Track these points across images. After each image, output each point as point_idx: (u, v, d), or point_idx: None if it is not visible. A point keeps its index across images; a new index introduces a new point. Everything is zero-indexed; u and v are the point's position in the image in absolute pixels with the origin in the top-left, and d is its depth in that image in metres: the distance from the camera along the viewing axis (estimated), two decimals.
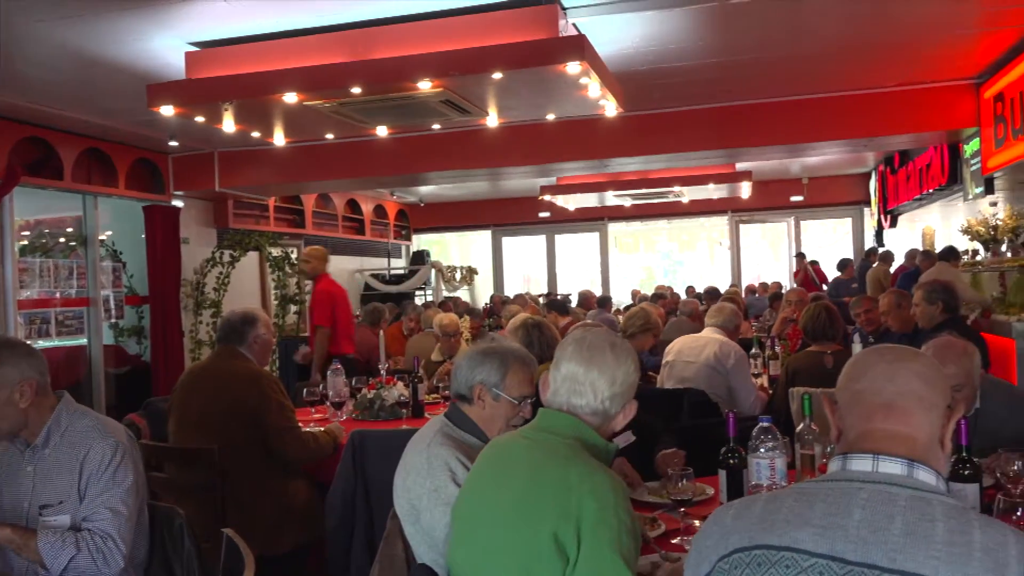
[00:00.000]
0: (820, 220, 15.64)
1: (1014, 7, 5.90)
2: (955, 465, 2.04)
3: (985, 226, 9.10)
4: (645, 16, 5.45)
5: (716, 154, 9.11)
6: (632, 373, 1.93)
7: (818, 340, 4.78)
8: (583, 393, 1.89)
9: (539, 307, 8.91)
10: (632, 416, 1.96)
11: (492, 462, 1.92)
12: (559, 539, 1.65)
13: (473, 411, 2.37)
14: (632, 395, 1.94)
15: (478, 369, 2.36)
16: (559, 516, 1.66)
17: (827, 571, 1.23)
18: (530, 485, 1.75)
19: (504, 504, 1.77)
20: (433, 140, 8.40)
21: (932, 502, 1.27)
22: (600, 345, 1.94)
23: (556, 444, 1.83)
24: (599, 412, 1.88)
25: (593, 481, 1.70)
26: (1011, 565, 1.15)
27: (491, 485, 1.86)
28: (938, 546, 1.19)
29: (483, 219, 16.12)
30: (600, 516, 1.65)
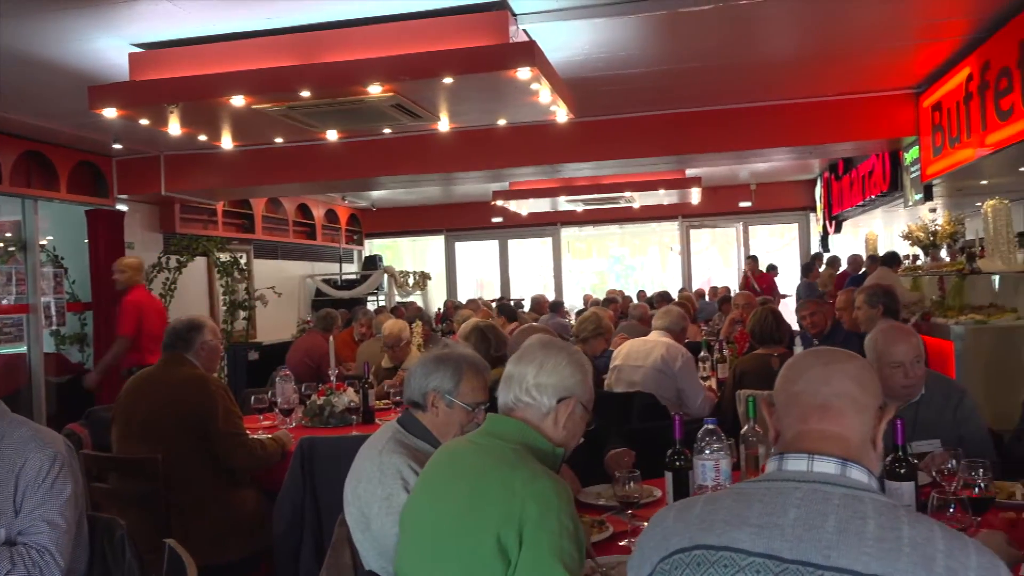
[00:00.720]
0: (768, 225, 15.93)
1: (950, 20, 6.10)
2: (891, 464, 2.10)
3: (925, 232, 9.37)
4: (595, 23, 5.50)
5: (666, 160, 9.22)
6: (565, 367, 1.93)
7: (765, 343, 4.87)
8: (511, 386, 1.92)
9: (492, 311, 8.91)
10: (570, 415, 1.95)
11: (440, 468, 1.92)
12: (502, 542, 1.65)
13: (427, 418, 2.36)
14: (575, 392, 1.93)
15: (432, 376, 2.35)
16: (502, 520, 1.67)
17: (764, 569, 1.26)
18: (476, 490, 1.76)
19: (450, 509, 1.77)
20: (384, 144, 8.36)
21: (864, 500, 1.30)
22: (534, 343, 1.99)
23: (503, 449, 1.83)
24: (531, 405, 1.89)
25: (537, 486, 1.71)
26: (938, 559, 1.19)
27: (438, 491, 1.86)
28: (869, 542, 1.22)
29: (436, 224, 16.08)
30: (542, 521, 1.66)
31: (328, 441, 3.74)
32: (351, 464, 2.39)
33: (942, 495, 1.98)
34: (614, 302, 9.01)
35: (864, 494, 1.31)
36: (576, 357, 2.00)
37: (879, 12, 5.81)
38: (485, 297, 13.29)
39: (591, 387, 2.01)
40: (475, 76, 4.90)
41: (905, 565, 1.19)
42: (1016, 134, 5.83)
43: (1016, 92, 5.74)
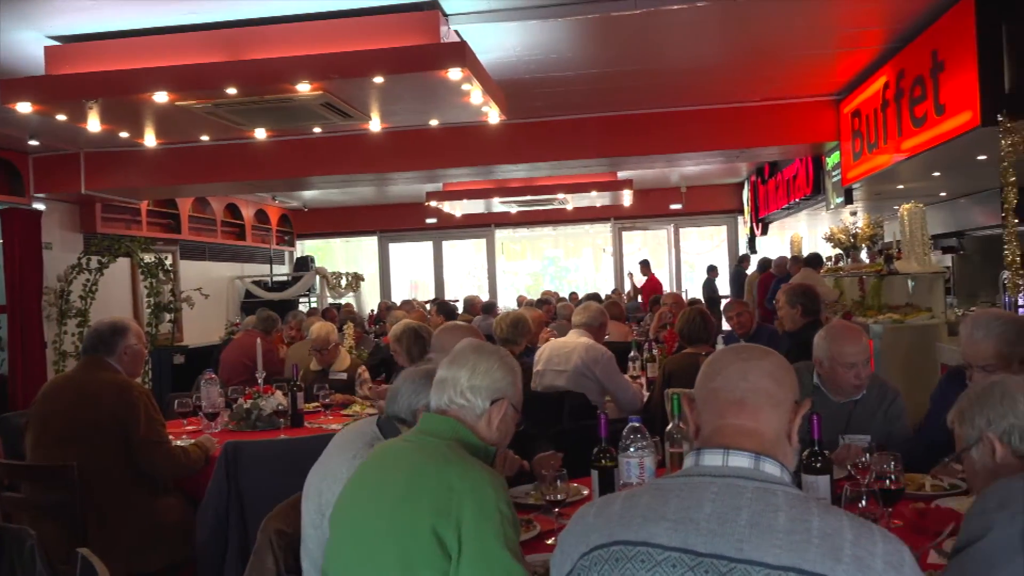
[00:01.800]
0: (698, 228, 16.25)
1: (868, 30, 6.33)
2: (808, 458, 2.17)
3: (846, 234, 9.69)
4: (526, 25, 5.53)
5: (598, 162, 9.33)
6: (497, 369, 1.97)
7: (693, 343, 4.96)
8: (445, 389, 1.94)
9: (427, 312, 8.87)
10: (509, 426, 1.98)
11: (373, 465, 1.91)
12: (439, 536, 1.66)
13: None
14: (507, 394, 1.97)
15: (422, 393, 2.29)
16: (438, 514, 1.68)
17: (680, 564, 1.28)
18: (410, 484, 1.76)
19: (385, 504, 1.77)
20: (315, 144, 8.25)
21: (776, 493, 1.33)
22: (465, 347, 2.01)
23: (436, 446, 1.85)
24: (465, 407, 1.92)
25: (472, 479, 1.73)
26: (845, 548, 1.22)
27: (372, 487, 1.85)
28: (780, 535, 1.25)
29: (369, 225, 15.93)
30: (482, 513, 1.68)
31: (254, 445, 3.67)
32: (281, 467, 2.34)
33: (855, 487, 2.05)
34: (547, 303, 9.06)
35: (776, 487, 1.34)
36: (507, 360, 2.04)
37: (801, 21, 5.99)
38: (419, 299, 13.23)
39: (521, 389, 2.05)
40: (406, 76, 4.87)
41: (814, 556, 1.22)
42: (929, 140, 6.07)
43: (929, 100, 5.99)
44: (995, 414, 1.69)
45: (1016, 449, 1.65)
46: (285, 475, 2.47)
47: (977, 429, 1.71)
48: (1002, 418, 1.68)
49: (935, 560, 1.98)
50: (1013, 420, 1.67)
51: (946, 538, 2.02)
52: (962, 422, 1.76)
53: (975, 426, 1.71)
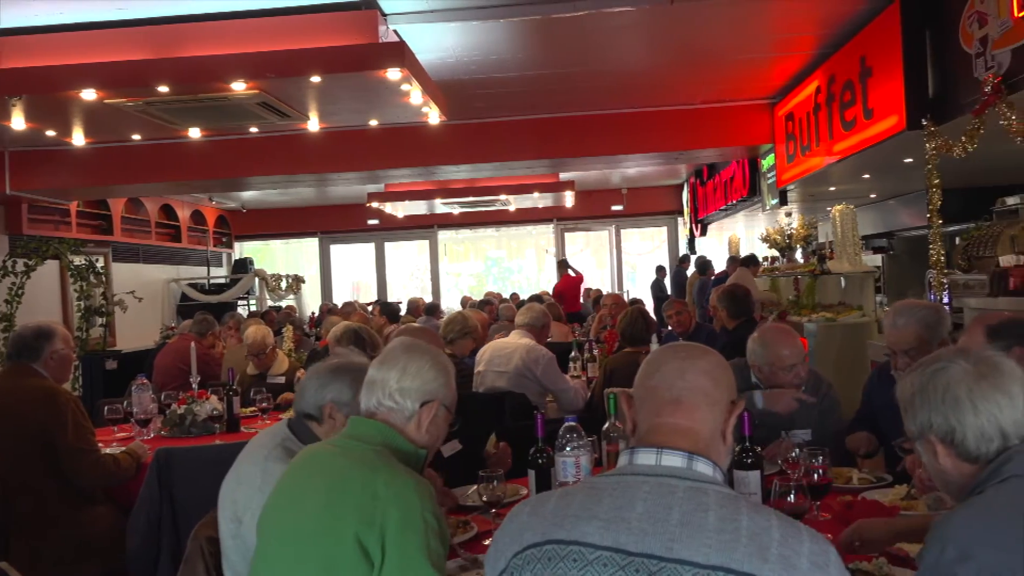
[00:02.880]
0: (639, 229, 16.44)
1: (801, 35, 6.49)
2: (739, 454, 2.21)
3: (781, 235, 9.93)
4: (466, 26, 5.53)
5: (540, 164, 9.38)
6: (428, 370, 1.92)
7: (634, 343, 5.01)
8: (374, 391, 1.90)
9: (368, 314, 8.79)
10: (441, 427, 1.95)
11: (298, 470, 1.88)
12: (362, 543, 1.63)
13: (322, 430, 2.26)
14: (438, 395, 1.92)
15: (328, 387, 2.26)
16: (362, 521, 1.65)
17: (611, 563, 1.28)
18: (335, 490, 1.73)
19: (309, 510, 1.74)
20: (252, 143, 8.10)
21: (708, 492, 1.33)
22: (396, 346, 1.97)
23: (364, 451, 1.81)
24: (395, 410, 1.88)
25: (398, 487, 1.70)
26: (772, 547, 1.23)
27: (296, 493, 1.81)
28: (710, 534, 1.26)
29: (310, 226, 15.71)
30: (406, 522, 1.65)
31: (188, 451, 3.58)
32: (216, 473, 2.29)
33: (784, 482, 2.09)
34: (489, 304, 9.06)
35: (708, 486, 1.35)
36: (439, 360, 1.99)
37: (737, 26, 6.11)
38: (362, 300, 13.09)
39: (454, 389, 2.01)
40: (344, 76, 4.83)
41: (742, 555, 1.23)
42: (858, 143, 6.25)
43: (859, 104, 6.16)
44: (936, 413, 1.50)
45: (960, 452, 1.48)
46: (219, 481, 2.41)
47: (919, 427, 1.53)
48: (944, 419, 1.48)
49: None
50: (955, 422, 1.47)
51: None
52: (905, 411, 1.58)
53: (917, 422, 1.54)
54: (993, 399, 1.45)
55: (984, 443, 1.46)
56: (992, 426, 1.45)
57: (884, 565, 1.87)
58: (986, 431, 1.45)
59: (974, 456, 1.47)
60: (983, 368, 1.49)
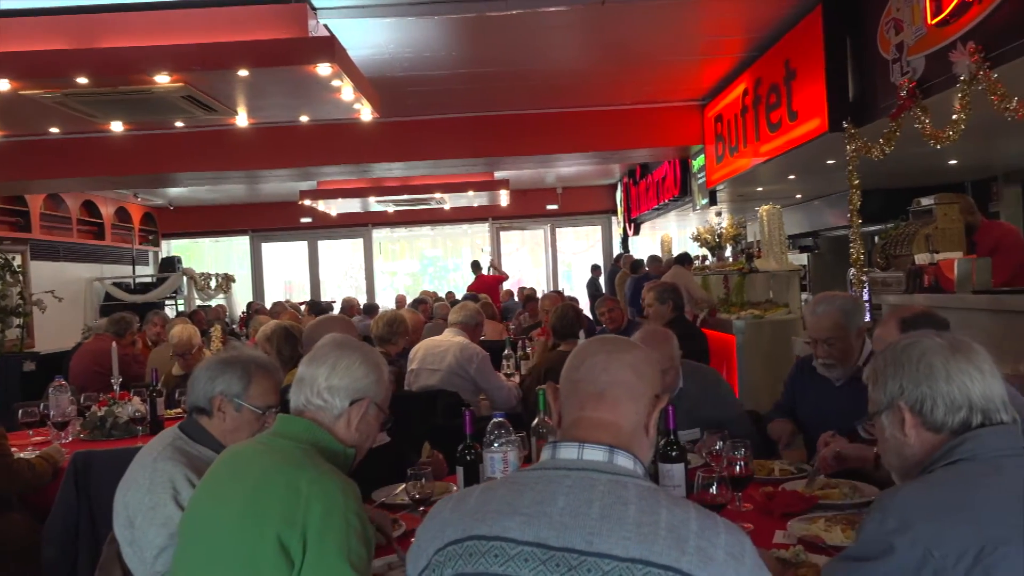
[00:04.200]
0: (574, 228, 16.57)
1: (729, 38, 6.63)
2: (664, 447, 2.24)
3: (711, 234, 10.12)
4: (398, 22, 5.49)
5: (474, 162, 9.37)
6: (358, 367, 1.89)
7: (566, 339, 5.04)
8: (303, 389, 1.87)
9: (300, 314, 8.64)
10: (372, 426, 1.92)
11: (222, 468, 1.83)
12: (283, 543, 1.61)
13: (213, 424, 2.23)
14: (368, 393, 1.89)
15: (218, 379, 2.22)
16: (284, 521, 1.62)
17: (532, 558, 1.28)
18: (258, 490, 1.69)
19: (231, 509, 1.70)
20: (179, 139, 7.89)
21: (628, 485, 1.34)
22: (327, 343, 1.94)
23: (290, 449, 1.78)
24: (323, 408, 1.85)
25: (322, 486, 1.67)
26: (690, 540, 1.25)
27: (219, 491, 1.77)
28: (629, 527, 1.27)
29: (241, 224, 15.38)
30: (328, 521, 1.63)
31: (108, 455, 3.47)
32: None
33: (707, 474, 2.13)
34: (423, 303, 9.00)
35: (628, 480, 1.36)
36: (370, 357, 1.95)
37: (667, 28, 6.21)
38: (294, 300, 12.88)
39: (387, 386, 1.97)
40: (273, 70, 4.74)
41: (661, 548, 1.24)
42: (784, 144, 6.43)
43: (783, 106, 6.33)
44: (909, 380, 1.52)
45: (927, 420, 1.51)
46: None
47: (889, 395, 1.55)
48: (916, 385, 1.51)
49: (780, 540, 2.10)
50: (927, 389, 1.50)
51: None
52: (875, 383, 1.60)
53: (887, 391, 1.56)
54: (966, 371, 1.50)
55: (952, 412, 1.49)
56: (962, 396, 1.49)
57: (801, 552, 1.92)
58: (956, 400, 1.49)
59: (940, 425, 1.50)
60: (956, 344, 1.54)
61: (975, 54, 3.96)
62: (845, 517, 2.16)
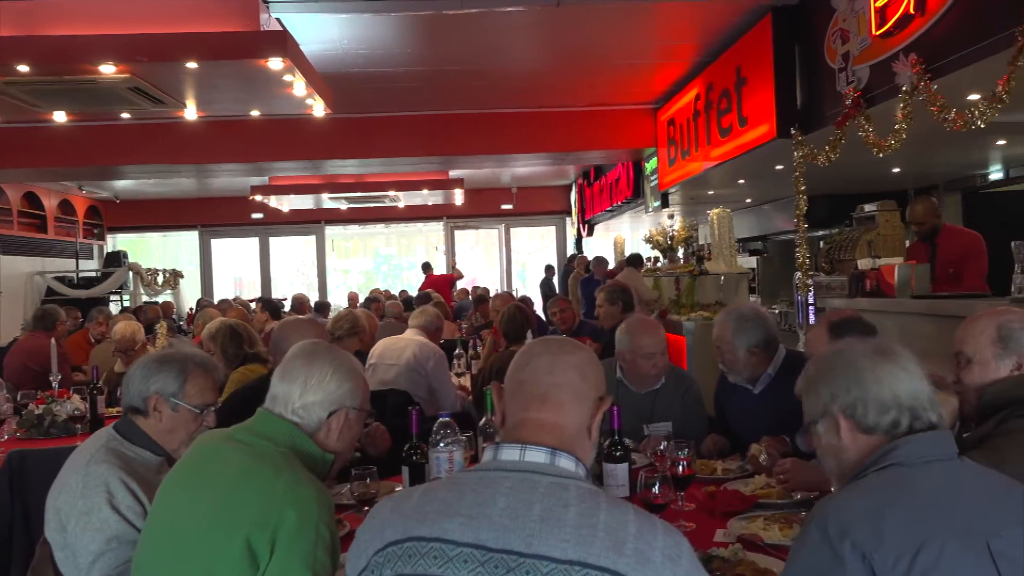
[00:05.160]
0: (528, 228, 16.62)
1: (682, 43, 6.71)
2: (608, 447, 2.26)
3: (663, 236, 10.23)
4: (353, 18, 5.44)
5: (429, 161, 9.34)
6: (330, 380, 1.86)
7: (515, 340, 5.05)
8: (277, 403, 1.84)
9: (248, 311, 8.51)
10: (354, 428, 1.89)
11: (196, 463, 1.79)
12: (251, 546, 1.59)
13: (149, 424, 2.18)
14: (345, 403, 1.86)
15: (153, 378, 2.17)
16: (256, 524, 1.60)
17: (471, 559, 1.27)
18: (233, 490, 1.67)
19: (201, 506, 1.67)
20: (125, 130, 7.72)
21: (569, 487, 1.34)
22: (297, 355, 1.90)
23: (269, 451, 1.75)
24: (300, 424, 1.82)
25: (299, 492, 1.65)
26: (628, 542, 1.25)
27: (191, 485, 1.74)
28: (568, 529, 1.26)
29: (190, 219, 15.10)
30: (299, 529, 1.61)
31: (44, 454, 3.38)
32: None
33: (650, 474, 2.16)
34: (375, 301, 8.94)
35: (569, 482, 1.36)
36: (343, 365, 1.91)
37: (622, 32, 6.26)
38: (245, 297, 12.68)
39: (364, 388, 1.94)
40: (223, 63, 4.67)
41: (599, 549, 1.24)
42: (734, 149, 6.53)
43: (734, 112, 6.43)
44: (839, 386, 1.56)
45: (860, 423, 1.54)
46: None
47: (822, 403, 1.59)
48: (846, 391, 1.55)
49: (720, 539, 2.13)
50: (858, 393, 1.54)
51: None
52: (807, 394, 1.63)
53: (820, 400, 1.59)
54: (892, 372, 1.55)
55: (883, 413, 1.53)
56: (891, 396, 1.53)
57: (739, 551, 1.95)
58: (885, 401, 1.53)
59: (872, 426, 1.54)
60: (880, 348, 1.60)
61: (916, 65, 4.07)
62: (784, 516, 2.20)
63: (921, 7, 4.11)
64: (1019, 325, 2.02)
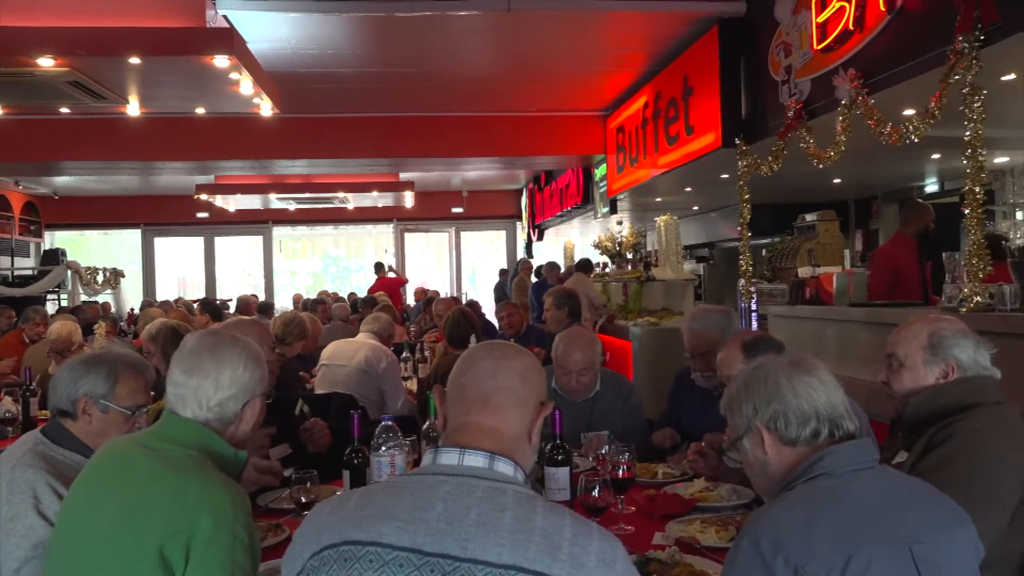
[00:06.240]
0: (479, 231, 16.62)
1: (631, 52, 6.80)
2: (550, 451, 2.28)
3: (612, 242, 10.33)
4: (303, 17, 5.39)
5: (379, 162, 9.29)
6: (241, 371, 1.83)
7: (460, 344, 5.05)
8: (187, 402, 1.79)
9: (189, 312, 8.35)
10: (260, 414, 1.87)
11: (102, 471, 1.75)
12: (164, 555, 1.55)
13: (78, 427, 2.12)
14: (255, 391, 1.84)
15: (82, 380, 2.11)
16: (169, 531, 1.57)
17: (407, 563, 1.27)
18: (142, 497, 1.63)
19: (110, 515, 1.63)
20: (64, 125, 7.51)
21: (506, 492, 1.35)
22: (198, 349, 1.84)
23: (178, 455, 1.71)
24: (212, 420, 1.80)
25: (212, 497, 1.62)
26: (563, 546, 1.27)
27: (98, 495, 1.69)
28: (504, 533, 1.27)
29: (132, 217, 14.74)
30: (215, 534, 1.58)
31: None
32: None
33: (591, 478, 2.18)
34: (322, 303, 8.86)
35: (507, 486, 1.36)
36: (247, 353, 1.87)
37: (573, 39, 6.32)
38: (188, 297, 12.43)
39: (266, 374, 1.91)
40: (166, 59, 4.59)
41: (534, 554, 1.25)
42: (681, 157, 6.63)
43: (681, 121, 6.53)
44: (760, 400, 1.61)
45: (783, 436, 1.58)
46: None
47: (746, 419, 1.63)
48: (767, 404, 1.60)
49: (659, 541, 2.16)
50: (778, 406, 1.59)
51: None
52: (731, 412, 1.68)
53: (743, 415, 1.64)
54: (809, 383, 1.59)
55: (803, 425, 1.57)
56: (810, 407, 1.58)
57: (676, 553, 1.99)
58: (805, 412, 1.57)
59: (794, 438, 1.58)
60: (796, 361, 1.66)
61: (855, 80, 4.19)
62: (720, 518, 2.25)
63: (860, 24, 4.23)
64: (950, 333, 2.08)
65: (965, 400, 2.00)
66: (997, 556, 1.64)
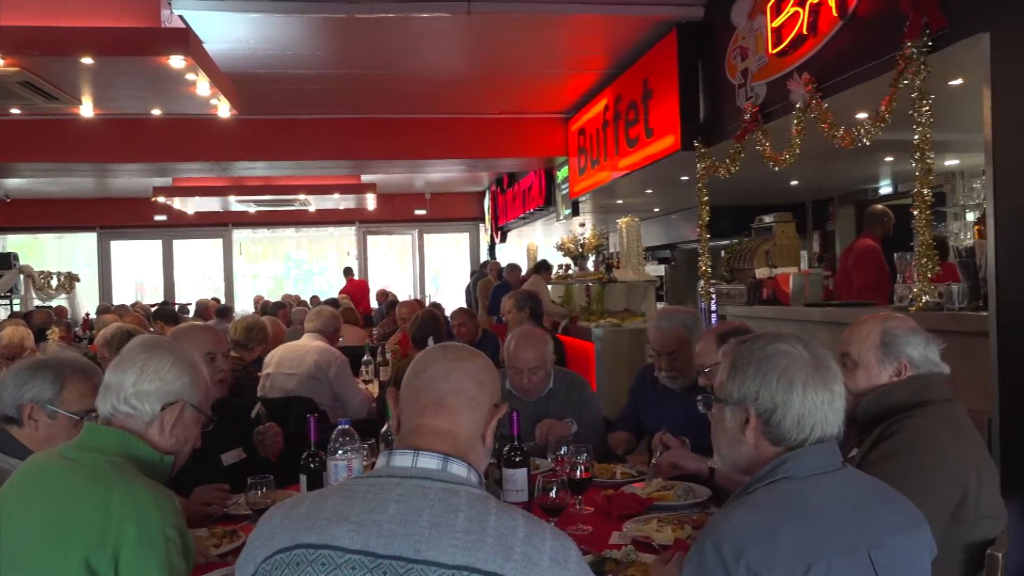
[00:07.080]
0: (442, 234, 16.59)
1: (592, 55, 6.84)
2: (507, 453, 2.29)
3: (574, 244, 10.38)
4: (260, 17, 5.33)
5: (340, 164, 9.23)
6: (169, 370, 1.80)
7: (422, 345, 5.04)
8: (108, 396, 1.77)
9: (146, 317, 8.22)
10: (178, 420, 1.81)
11: (21, 486, 1.71)
12: (91, 567, 1.53)
13: (24, 434, 2.07)
14: (182, 396, 1.81)
15: (28, 385, 2.06)
16: (93, 543, 1.54)
17: (359, 566, 1.27)
18: (62, 509, 1.59)
19: (30, 533, 1.59)
20: (15, 126, 7.35)
21: (460, 493, 1.35)
22: (136, 345, 1.83)
23: (99, 464, 1.67)
24: (132, 415, 1.76)
25: (136, 503, 1.59)
26: (516, 547, 1.28)
27: (17, 511, 1.65)
28: (457, 534, 1.28)
29: (88, 220, 14.46)
30: (144, 540, 1.56)
31: None
32: None
33: (548, 479, 2.19)
34: (283, 307, 8.77)
35: (460, 488, 1.37)
36: (183, 357, 1.86)
37: (534, 42, 6.35)
38: (146, 302, 12.23)
39: (205, 386, 1.89)
40: (120, 60, 4.51)
41: (487, 554, 1.26)
42: (641, 160, 6.68)
43: (641, 123, 6.59)
44: (766, 389, 1.53)
45: (770, 432, 1.54)
46: None
47: (741, 393, 1.56)
48: (771, 396, 1.53)
49: (616, 541, 2.18)
50: (781, 404, 1.53)
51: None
52: (731, 374, 1.59)
53: (743, 387, 1.56)
54: (821, 393, 1.53)
55: (797, 429, 1.52)
56: (810, 416, 1.52)
57: (632, 552, 2.01)
58: (804, 419, 1.52)
59: (782, 438, 1.54)
60: (818, 361, 1.57)
61: (809, 84, 4.26)
62: (677, 517, 2.27)
63: (813, 29, 4.31)
64: (901, 331, 2.12)
65: (915, 398, 2.04)
66: (942, 552, 1.67)
